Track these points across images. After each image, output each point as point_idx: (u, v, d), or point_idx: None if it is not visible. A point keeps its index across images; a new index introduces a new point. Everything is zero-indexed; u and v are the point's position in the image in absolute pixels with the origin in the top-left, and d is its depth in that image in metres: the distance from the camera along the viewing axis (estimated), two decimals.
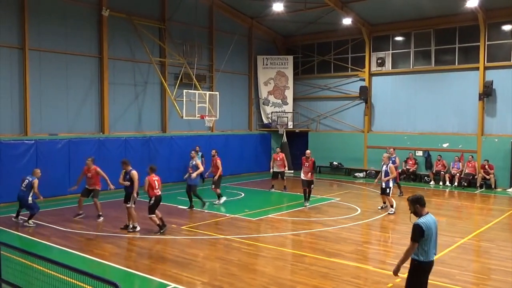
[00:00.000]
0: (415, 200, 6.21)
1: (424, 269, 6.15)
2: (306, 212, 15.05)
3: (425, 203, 6.22)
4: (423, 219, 6.10)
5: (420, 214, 6.18)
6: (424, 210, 6.19)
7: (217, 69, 23.54)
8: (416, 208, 6.21)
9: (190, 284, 8.31)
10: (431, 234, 6.07)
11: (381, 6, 21.80)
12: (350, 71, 25.02)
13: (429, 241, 6.06)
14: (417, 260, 6.09)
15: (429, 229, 6.05)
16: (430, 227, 6.06)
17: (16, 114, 16.60)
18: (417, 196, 6.25)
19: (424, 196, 6.39)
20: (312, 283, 8.36)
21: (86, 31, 18.46)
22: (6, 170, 15.60)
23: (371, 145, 24.05)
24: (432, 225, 6.12)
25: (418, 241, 6.01)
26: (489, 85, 20.39)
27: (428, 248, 6.07)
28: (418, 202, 6.19)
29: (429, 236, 6.04)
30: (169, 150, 20.77)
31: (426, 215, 6.16)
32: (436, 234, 6.22)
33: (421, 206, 6.19)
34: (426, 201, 6.27)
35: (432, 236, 6.09)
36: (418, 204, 6.19)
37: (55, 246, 10.79)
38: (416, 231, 6.01)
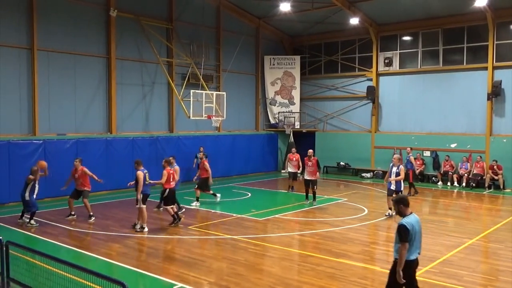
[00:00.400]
0: (399, 201, 6.41)
1: (411, 267, 6.25)
2: (313, 212, 15.02)
3: (408, 203, 6.40)
4: (407, 219, 6.26)
5: (404, 214, 6.35)
6: (407, 210, 6.36)
7: (224, 69, 23.57)
8: (400, 208, 6.38)
9: (197, 284, 8.32)
10: (414, 234, 6.20)
11: (388, 5, 21.71)
12: (358, 71, 24.94)
13: (413, 240, 6.18)
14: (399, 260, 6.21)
15: (413, 228, 6.19)
16: (413, 227, 6.20)
17: (25, 114, 16.72)
18: (401, 197, 6.51)
19: (432, 197, 6.44)
20: (319, 284, 8.34)
21: (94, 32, 18.56)
22: (15, 170, 15.71)
23: (378, 145, 23.97)
24: (415, 224, 6.26)
25: (407, 240, 6.13)
26: (497, 85, 20.24)
27: (411, 248, 6.19)
28: (402, 202, 6.38)
29: (412, 235, 6.16)
30: (176, 150, 20.77)
31: (409, 215, 6.32)
32: (420, 234, 6.35)
33: (404, 206, 6.36)
34: (438, 202, 6.34)
35: (415, 235, 6.22)
36: (402, 204, 6.37)
37: (62, 245, 10.85)
38: (402, 231, 6.16)
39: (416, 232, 6.23)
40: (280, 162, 26.51)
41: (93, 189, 17.04)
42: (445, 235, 11.99)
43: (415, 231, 6.21)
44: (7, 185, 15.56)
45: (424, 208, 16.42)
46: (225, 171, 23.15)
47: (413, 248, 6.22)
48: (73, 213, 13.72)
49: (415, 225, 6.24)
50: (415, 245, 6.25)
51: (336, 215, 14.51)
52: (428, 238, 11.75)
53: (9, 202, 15.56)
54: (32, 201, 12.78)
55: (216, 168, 22.26)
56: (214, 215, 14.36)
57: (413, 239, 6.17)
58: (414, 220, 6.28)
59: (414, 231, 6.18)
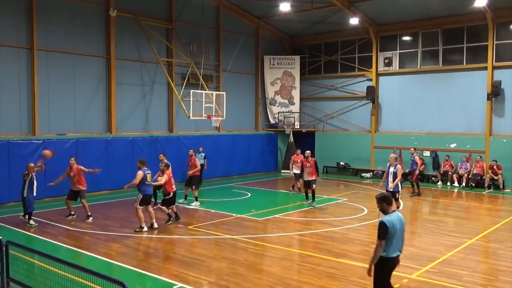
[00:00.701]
0: (382, 199, 6.48)
1: (387, 265, 6.36)
2: (313, 212, 15.01)
3: (391, 202, 6.47)
4: (388, 217, 6.33)
5: (387, 212, 6.42)
6: (390, 209, 6.43)
7: (224, 69, 23.57)
8: (383, 206, 6.45)
9: (197, 283, 8.32)
10: (394, 232, 6.27)
11: (388, 5, 21.71)
12: (357, 71, 24.95)
13: (392, 238, 6.26)
14: (383, 256, 6.32)
15: (393, 227, 6.25)
16: (394, 225, 6.27)
17: (25, 114, 16.72)
18: (385, 195, 6.57)
19: (432, 197, 6.48)
20: (319, 284, 8.34)
21: (93, 31, 18.56)
22: (14, 170, 15.68)
23: (378, 145, 23.97)
24: (397, 223, 6.32)
25: (384, 238, 6.22)
26: (497, 85, 20.25)
27: (391, 245, 6.28)
28: (385, 200, 6.45)
29: (392, 233, 6.24)
30: (176, 150, 20.79)
31: (392, 213, 6.39)
32: (401, 232, 6.42)
33: (387, 204, 6.43)
34: (437, 202, 6.36)
35: (395, 233, 6.29)
36: (385, 202, 6.44)
37: (62, 245, 10.85)
38: (381, 228, 6.24)
39: (396, 230, 6.29)
40: (280, 162, 26.50)
41: (93, 188, 17.16)
42: (445, 235, 11.99)
43: (396, 230, 6.28)
44: (7, 185, 15.55)
45: (424, 208, 16.43)
46: (225, 171, 23.16)
47: (393, 246, 6.31)
48: (72, 213, 13.72)
49: (396, 224, 6.30)
50: (396, 243, 6.33)
51: (336, 215, 14.52)
52: (428, 238, 11.77)
53: (9, 202, 15.56)
54: (29, 199, 12.65)
55: (216, 168, 22.37)
56: (214, 215, 14.36)
57: (393, 237, 6.26)
58: (395, 218, 6.35)
59: (394, 230, 6.25)
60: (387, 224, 6.21)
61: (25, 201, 12.69)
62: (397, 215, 6.41)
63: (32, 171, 12.75)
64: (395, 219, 6.33)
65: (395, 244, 6.31)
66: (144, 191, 12.10)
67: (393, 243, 6.28)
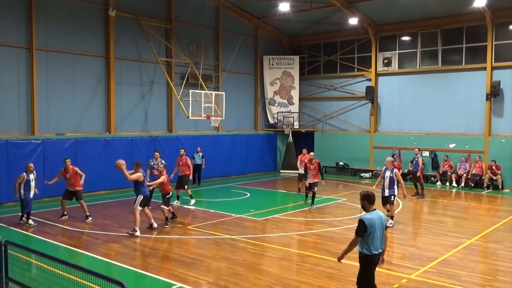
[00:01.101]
0: (365, 196, 6.60)
1: (369, 261, 6.51)
2: (312, 212, 15.01)
3: (373, 201, 6.58)
4: (368, 215, 6.46)
5: (367, 210, 6.56)
6: (371, 207, 6.55)
7: (223, 69, 23.56)
8: (364, 203, 6.59)
9: (196, 283, 8.32)
10: (374, 230, 6.38)
11: (387, 6, 21.72)
12: (356, 71, 24.96)
13: (372, 236, 6.39)
14: (362, 253, 6.52)
15: (372, 224, 6.37)
16: (373, 223, 6.38)
17: (24, 114, 16.70)
18: (368, 193, 6.63)
19: (431, 197, 6.49)
20: (318, 284, 8.35)
21: (93, 31, 18.54)
22: (13, 170, 15.66)
23: (377, 146, 23.98)
24: (376, 221, 6.43)
25: (360, 235, 6.39)
26: (496, 85, 20.27)
27: (371, 243, 6.42)
28: (367, 198, 6.57)
29: (371, 231, 6.37)
30: (175, 150, 20.76)
31: (372, 212, 6.51)
32: (381, 230, 6.52)
33: (369, 202, 6.56)
34: (436, 202, 6.36)
35: (375, 231, 6.40)
36: (366, 200, 6.57)
37: (61, 245, 10.85)
38: (359, 226, 6.40)
39: (376, 228, 6.40)
40: (279, 162, 26.51)
41: (92, 188, 17.16)
42: (444, 235, 12.00)
43: (375, 227, 6.39)
44: (6, 185, 15.52)
45: (423, 208, 16.43)
46: (224, 171, 23.16)
47: (375, 244, 6.44)
48: (65, 213, 13.69)
49: (376, 222, 6.41)
50: (376, 241, 6.45)
51: (335, 215, 14.52)
52: (427, 238, 11.78)
53: (8, 202, 15.56)
54: (27, 199, 12.66)
55: (215, 168, 22.38)
56: (213, 215, 14.35)
57: (372, 235, 6.38)
58: (375, 216, 6.46)
59: (373, 227, 6.37)
60: (365, 222, 6.35)
61: (22, 201, 12.71)
62: (377, 214, 6.52)
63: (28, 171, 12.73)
64: (375, 218, 6.44)
65: (376, 242, 6.45)
66: (144, 193, 11.98)
67: (374, 240, 6.42)
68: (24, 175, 12.68)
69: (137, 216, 11.76)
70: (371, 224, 6.35)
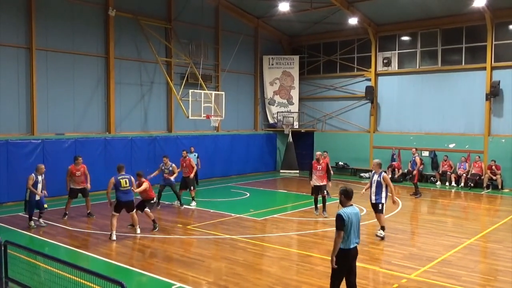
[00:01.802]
0: (343, 192, 6.82)
1: (346, 255, 6.64)
2: (312, 212, 14.97)
3: (351, 196, 6.80)
4: (345, 209, 6.69)
5: (344, 205, 6.78)
6: (348, 203, 6.77)
7: (223, 69, 23.56)
8: (342, 198, 6.83)
9: (196, 283, 8.32)
10: (350, 224, 6.60)
11: (387, 5, 21.72)
12: (356, 71, 24.96)
13: (349, 230, 6.60)
14: (340, 248, 6.63)
15: (349, 219, 6.60)
16: (350, 218, 6.61)
17: (23, 114, 16.69)
18: (346, 189, 6.83)
19: (431, 197, 6.50)
20: (318, 284, 8.35)
21: (92, 31, 18.54)
22: (13, 170, 15.71)
23: (377, 145, 23.98)
24: (353, 216, 6.67)
25: (341, 229, 6.56)
26: (496, 85, 20.27)
27: (348, 236, 6.60)
28: (344, 193, 6.80)
29: (348, 225, 6.58)
30: (175, 150, 20.77)
31: (348, 207, 6.74)
32: (357, 225, 6.75)
33: (345, 198, 6.79)
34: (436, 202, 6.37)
35: (352, 225, 6.62)
36: (343, 195, 6.80)
37: (61, 245, 10.84)
38: (338, 220, 6.61)
39: (352, 222, 6.62)
40: (278, 162, 26.51)
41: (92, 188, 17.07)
42: (443, 235, 12.00)
43: (351, 222, 6.61)
44: (6, 184, 15.54)
45: (423, 208, 16.44)
46: (224, 171, 23.16)
47: (351, 238, 6.63)
48: (67, 213, 13.80)
49: (352, 216, 6.64)
50: (352, 235, 6.65)
51: (334, 215, 14.47)
52: (427, 238, 11.78)
53: (8, 202, 15.55)
54: (31, 202, 12.36)
55: (215, 168, 22.39)
56: (213, 215, 14.35)
57: (349, 229, 6.59)
58: (351, 211, 6.68)
59: (350, 221, 6.59)
60: (343, 216, 6.57)
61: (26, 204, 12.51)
62: (353, 209, 6.73)
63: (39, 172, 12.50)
64: (351, 212, 6.67)
65: (352, 236, 6.65)
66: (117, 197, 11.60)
67: (350, 235, 6.62)
68: (33, 176, 12.36)
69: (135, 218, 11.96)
70: (348, 218, 6.58)
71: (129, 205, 11.73)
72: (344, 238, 6.60)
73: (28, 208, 12.51)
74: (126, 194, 11.63)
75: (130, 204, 11.76)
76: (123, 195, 11.57)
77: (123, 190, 11.57)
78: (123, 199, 11.56)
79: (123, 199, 11.56)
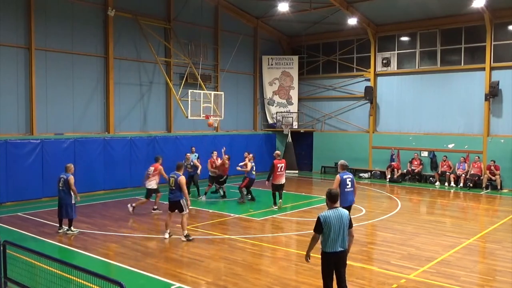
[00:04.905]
0: (326, 194, 6.72)
1: (327, 259, 6.56)
2: (310, 212, 15.01)
3: (334, 200, 6.65)
4: (326, 212, 6.56)
5: (328, 207, 6.65)
6: (332, 205, 6.63)
7: (222, 69, 23.56)
8: (326, 201, 6.72)
9: (195, 283, 8.32)
10: (329, 227, 6.44)
11: (386, 6, 21.73)
12: (355, 71, 24.96)
13: (327, 233, 6.45)
14: (322, 250, 6.62)
15: (327, 222, 6.45)
16: (328, 221, 6.45)
17: (22, 114, 16.68)
18: (330, 191, 6.70)
19: (430, 197, 6.48)
20: (317, 284, 8.34)
21: (92, 31, 18.53)
22: (12, 170, 15.71)
23: (376, 146, 23.99)
24: (332, 219, 6.47)
25: (316, 231, 6.52)
26: (495, 86, 20.28)
27: (328, 240, 6.48)
28: (328, 196, 6.68)
29: (327, 229, 6.45)
30: (174, 150, 20.80)
31: (331, 209, 6.59)
32: (339, 228, 6.48)
33: (329, 200, 6.66)
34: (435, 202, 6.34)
35: (331, 229, 6.44)
36: (327, 197, 6.70)
37: (60, 245, 10.84)
38: (316, 222, 6.55)
39: (331, 225, 6.44)
40: None
41: (91, 188, 17.17)
42: (442, 235, 12.01)
43: (331, 225, 6.44)
44: (5, 185, 15.53)
45: (422, 208, 16.45)
46: None
47: (330, 242, 6.46)
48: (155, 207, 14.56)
49: (332, 219, 6.46)
50: (332, 239, 6.45)
51: None
52: (426, 238, 11.78)
53: (7, 202, 15.54)
54: (75, 207, 11.83)
55: None
56: (212, 215, 14.35)
57: (328, 232, 6.44)
58: (333, 214, 6.51)
59: (328, 225, 6.43)
60: (320, 218, 6.48)
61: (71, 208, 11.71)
62: (336, 212, 6.54)
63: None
64: (332, 215, 6.49)
65: (332, 240, 6.45)
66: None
67: (330, 238, 6.45)
68: (72, 177, 11.74)
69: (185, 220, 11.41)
70: (326, 221, 6.43)
71: (174, 206, 11.37)
72: (325, 242, 6.48)
73: (74, 213, 11.78)
74: (171, 194, 11.36)
75: (175, 204, 11.34)
76: (169, 194, 11.39)
77: (169, 189, 11.39)
78: (169, 199, 11.45)
79: (169, 199, 11.45)
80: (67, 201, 11.63)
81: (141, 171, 19.40)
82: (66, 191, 11.64)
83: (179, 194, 11.21)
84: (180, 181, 11.17)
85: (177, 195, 11.22)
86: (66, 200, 11.65)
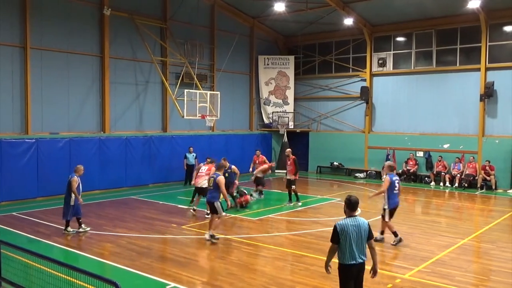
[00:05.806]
0: (346, 201, 6.20)
1: (345, 272, 6.01)
2: (306, 212, 15.03)
3: (354, 208, 6.14)
4: (343, 221, 6.06)
5: (346, 215, 6.16)
6: (349, 213, 6.14)
7: (218, 69, 23.54)
8: (344, 208, 6.22)
9: (190, 283, 8.31)
10: (346, 237, 5.94)
11: (382, 6, 21.77)
12: (351, 71, 25.00)
13: (346, 244, 5.94)
14: (339, 263, 6.05)
15: (344, 231, 5.94)
16: (345, 230, 5.95)
17: (17, 113, 16.61)
18: (349, 199, 6.18)
19: (425, 197, 6.45)
20: (312, 283, 8.36)
21: (87, 30, 18.47)
22: (7, 169, 15.64)
23: (372, 146, 24.04)
24: (350, 228, 5.97)
25: (334, 242, 6.01)
26: (490, 86, 20.36)
27: (344, 251, 5.97)
28: (347, 203, 6.17)
29: (344, 239, 5.95)
30: (170, 150, 20.78)
31: (348, 218, 6.09)
32: (358, 240, 5.98)
33: (348, 208, 6.15)
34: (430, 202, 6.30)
35: (349, 239, 5.94)
36: (346, 205, 6.18)
37: (55, 245, 10.80)
38: (333, 232, 6.05)
39: (349, 236, 5.93)
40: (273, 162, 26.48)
41: (87, 188, 17.03)
42: (437, 235, 12.05)
43: (348, 235, 5.93)
44: None
45: (417, 208, 16.49)
46: None
47: (348, 253, 5.95)
48: (194, 208, 14.33)
49: (350, 229, 5.95)
50: (350, 250, 5.94)
51: (329, 215, 14.54)
52: (421, 238, 11.82)
53: (1, 201, 15.48)
54: (76, 204, 11.66)
55: None
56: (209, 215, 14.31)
57: (345, 242, 5.94)
58: (350, 223, 6.00)
59: (346, 235, 5.93)
60: (337, 228, 5.98)
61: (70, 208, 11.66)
62: (354, 221, 6.04)
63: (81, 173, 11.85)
64: (350, 225, 5.99)
65: (350, 251, 5.94)
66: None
67: (347, 249, 5.94)
68: (77, 179, 11.66)
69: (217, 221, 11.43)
70: (343, 230, 5.93)
71: (211, 207, 11.35)
72: (343, 253, 5.95)
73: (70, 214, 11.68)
74: (209, 194, 11.41)
75: (212, 206, 11.28)
76: (207, 195, 11.60)
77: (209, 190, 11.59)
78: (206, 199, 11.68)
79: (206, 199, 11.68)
80: (66, 201, 11.70)
81: (136, 171, 19.45)
82: (67, 192, 11.70)
83: (216, 195, 11.24)
84: (219, 180, 11.18)
85: (214, 196, 11.24)
86: (65, 200, 11.75)
